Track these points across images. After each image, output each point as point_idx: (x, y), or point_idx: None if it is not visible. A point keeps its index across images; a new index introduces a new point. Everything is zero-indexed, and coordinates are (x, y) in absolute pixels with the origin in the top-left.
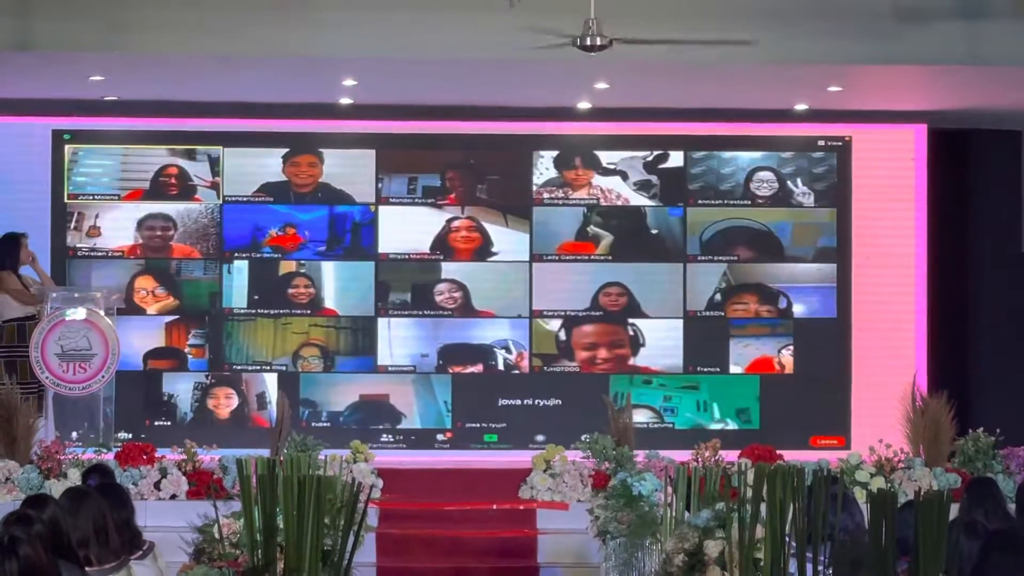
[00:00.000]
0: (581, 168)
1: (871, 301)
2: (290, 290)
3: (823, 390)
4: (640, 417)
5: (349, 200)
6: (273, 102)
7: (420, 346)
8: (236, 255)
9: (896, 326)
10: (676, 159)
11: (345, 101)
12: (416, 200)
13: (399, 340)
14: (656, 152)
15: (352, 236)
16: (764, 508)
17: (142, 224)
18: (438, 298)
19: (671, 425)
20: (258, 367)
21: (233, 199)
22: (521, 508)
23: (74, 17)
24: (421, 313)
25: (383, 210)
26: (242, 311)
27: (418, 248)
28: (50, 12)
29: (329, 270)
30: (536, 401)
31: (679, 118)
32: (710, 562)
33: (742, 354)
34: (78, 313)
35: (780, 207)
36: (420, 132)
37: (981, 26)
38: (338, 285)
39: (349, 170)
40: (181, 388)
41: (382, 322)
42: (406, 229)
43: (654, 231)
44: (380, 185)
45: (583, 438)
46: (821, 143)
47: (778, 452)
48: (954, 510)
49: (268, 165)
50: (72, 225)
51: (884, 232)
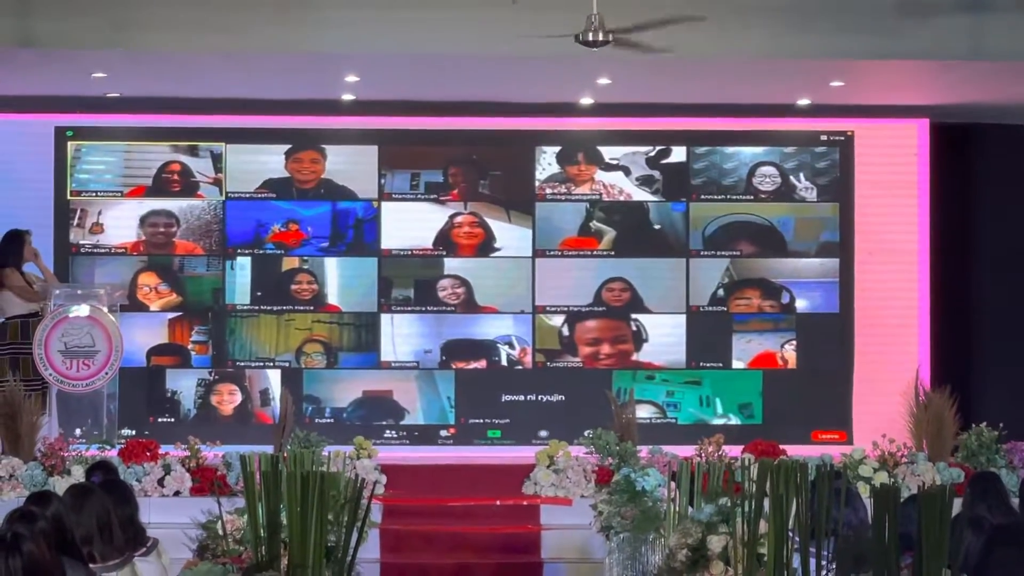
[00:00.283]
0: (584, 163)
1: (874, 296)
2: (293, 286)
3: (826, 385)
4: (643, 412)
5: (352, 196)
6: (275, 98)
7: (423, 342)
8: (239, 251)
9: (899, 321)
10: (678, 154)
11: (347, 97)
12: (419, 196)
13: (402, 336)
14: (658, 147)
15: (355, 232)
16: (767, 503)
17: (145, 221)
18: (441, 294)
19: (674, 420)
20: (261, 363)
21: (236, 195)
22: (524, 504)
23: (76, 14)
24: (424, 309)
25: (386, 206)
26: (245, 307)
27: (421, 244)
28: (52, 9)
29: (332, 266)
30: (539, 397)
31: (681, 113)
32: (713, 557)
33: (745, 349)
34: (82, 310)
35: (783, 202)
36: (422, 128)
37: (984, 20)
38: (341, 281)
39: (352, 166)
40: (184, 385)
41: (385, 318)
42: (409, 225)
43: (657, 226)
44: (383, 181)
45: (586, 434)
46: (824, 138)
47: (781, 447)
48: (957, 505)
49: (271, 161)
50: (75, 222)
51: (887, 227)
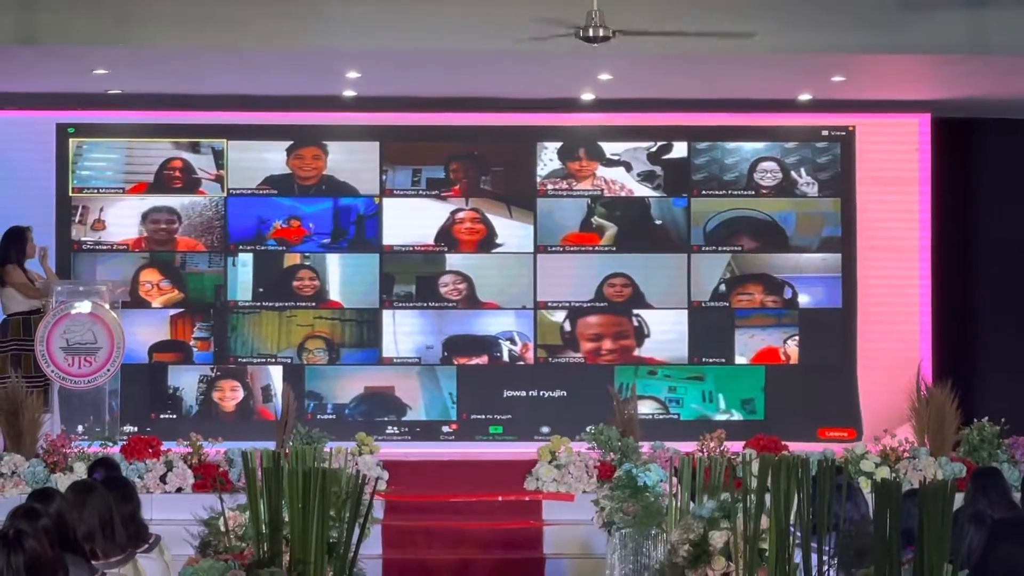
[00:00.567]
0: (585, 159)
1: (875, 291)
2: (295, 283)
3: (828, 380)
4: (646, 408)
5: (353, 192)
6: (277, 95)
7: (425, 338)
8: (240, 248)
9: (901, 316)
10: (680, 150)
11: (349, 93)
12: (420, 192)
13: (404, 332)
14: (660, 143)
15: (356, 228)
16: (769, 499)
17: (146, 217)
18: (443, 290)
19: (676, 416)
20: (263, 360)
21: (237, 192)
22: (526, 499)
23: (77, 11)
24: (426, 305)
25: (387, 202)
26: (247, 304)
27: (422, 240)
28: (53, 6)
29: (334, 262)
30: (541, 392)
31: (682, 109)
32: (715, 552)
33: (747, 344)
34: (83, 307)
35: (784, 197)
36: (424, 124)
37: (985, 15)
38: (343, 277)
39: (353, 162)
40: (186, 381)
41: (387, 314)
42: (410, 221)
43: (658, 222)
44: (384, 177)
45: (588, 429)
46: (825, 133)
47: (783, 443)
48: (959, 500)
49: (272, 158)
50: (77, 219)
51: (888, 222)
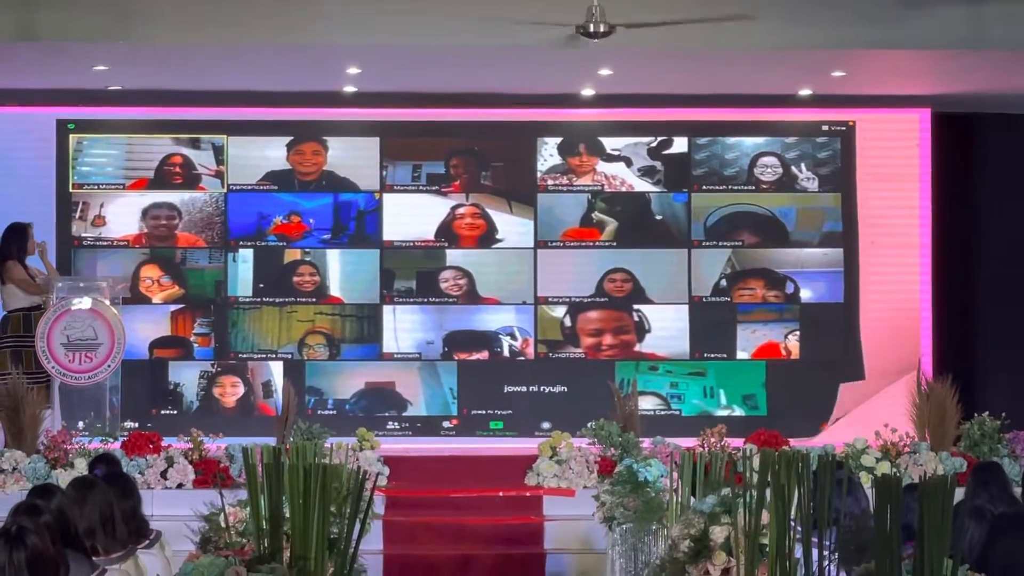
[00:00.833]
0: (585, 154)
1: (876, 286)
2: (295, 278)
3: (830, 375)
4: (647, 404)
5: (353, 188)
6: (277, 90)
7: (425, 333)
8: (241, 243)
9: (901, 311)
10: (680, 145)
11: (349, 89)
12: (420, 187)
13: (404, 327)
14: (660, 138)
15: (357, 224)
16: (769, 493)
17: (147, 213)
18: (443, 285)
19: (678, 412)
20: (264, 355)
21: (237, 187)
22: (527, 495)
23: (78, 8)
24: (426, 300)
25: (387, 197)
26: (247, 299)
27: (423, 235)
28: (54, 3)
29: (334, 258)
30: (542, 388)
31: (683, 104)
32: (716, 548)
33: (749, 340)
34: (84, 303)
35: (784, 192)
36: (424, 119)
37: (985, 10)
38: (343, 273)
39: (353, 158)
40: (187, 377)
41: (387, 309)
42: (411, 216)
43: (658, 217)
44: (384, 172)
45: (589, 425)
46: (825, 128)
47: (783, 438)
48: (959, 494)
49: (272, 153)
50: (77, 215)
51: (889, 217)
